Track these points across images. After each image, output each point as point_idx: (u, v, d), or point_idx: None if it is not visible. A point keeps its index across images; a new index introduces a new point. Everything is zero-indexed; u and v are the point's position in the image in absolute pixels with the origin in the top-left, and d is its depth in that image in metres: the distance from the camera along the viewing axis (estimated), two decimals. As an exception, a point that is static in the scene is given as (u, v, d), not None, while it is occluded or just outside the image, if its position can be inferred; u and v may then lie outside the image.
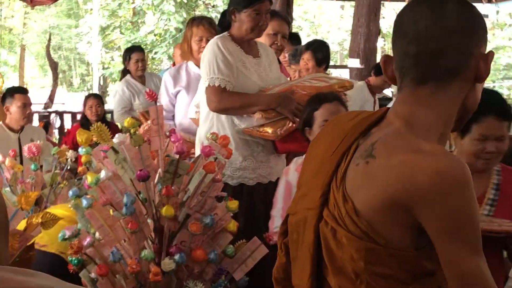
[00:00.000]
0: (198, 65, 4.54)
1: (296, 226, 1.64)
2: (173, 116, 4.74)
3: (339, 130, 1.64)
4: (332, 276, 1.54)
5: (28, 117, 5.48)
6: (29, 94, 5.60)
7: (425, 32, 1.47)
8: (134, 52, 6.67)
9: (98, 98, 6.87)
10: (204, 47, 4.36)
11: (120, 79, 6.77)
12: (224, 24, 3.76)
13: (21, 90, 5.64)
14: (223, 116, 3.61)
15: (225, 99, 3.52)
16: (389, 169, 1.44)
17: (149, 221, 2.50)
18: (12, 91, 5.52)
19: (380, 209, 1.44)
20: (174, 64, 7.25)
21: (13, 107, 5.37)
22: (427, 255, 1.46)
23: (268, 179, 3.65)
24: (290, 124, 3.50)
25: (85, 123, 6.30)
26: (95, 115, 6.53)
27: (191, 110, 4.29)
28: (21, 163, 4.27)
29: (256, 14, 3.59)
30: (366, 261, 1.46)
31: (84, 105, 6.86)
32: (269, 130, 3.52)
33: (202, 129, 3.72)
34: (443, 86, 1.49)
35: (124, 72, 6.70)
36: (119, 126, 6.05)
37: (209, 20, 4.78)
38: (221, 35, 3.72)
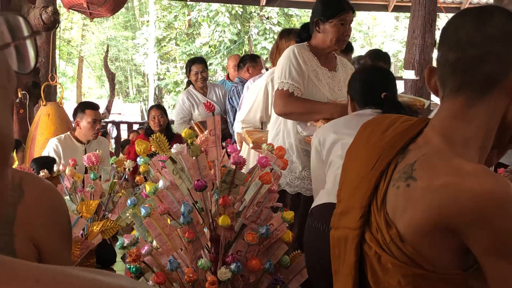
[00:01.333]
0: None
1: (338, 242, 1.62)
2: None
3: (376, 144, 1.60)
4: None
5: (97, 133, 5.56)
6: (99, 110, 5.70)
7: (466, 38, 1.44)
8: (194, 64, 6.76)
9: (161, 109, 6.96)
10: None
11: (185, 89, 6.87)
12: (303, 36, 3.79)
13: (92, 106, 5.73)
14: (289, 123, 3.64)
15: (290, 104, 3.54)
16: (431, 192, 1.40)
17: (206, 230, 2.53)
18: (84, 106, 5.61)
19: (425, 234, 1.41)
20: (228, 76, 7.32)
21: (84, 122, 5.47)
22: (475, 275, 1.42)
23: None
24: None
25: (149, 133, 6.38)
26: (158, 126, 6.64)
27: (237, 125, 4.32)
28: (86, 173, 4.37)
29: (341, 24, 3.60)
30: (415, 286, 1.45)
31: (148, 115, 6.98)
32: None
33: (270, 133, 3.79)
34: (480, 97, 1.44)
35: (188, 82, 6.78)
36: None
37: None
38: (300, 44, 3.75)
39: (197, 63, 6.82)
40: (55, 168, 4.40)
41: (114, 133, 11.89)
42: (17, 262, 0.55)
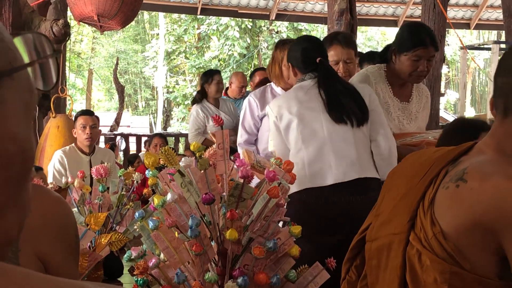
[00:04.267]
0: (285, 90, 4.41)
1: (377, 252, 1.68)
2: (256, 140, 4.65)
3: (425, 160, 1.70)
4: None
5: (89, 138, 5.55)
6: (93, 116, 5.74)
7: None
8: (216, 74, 6.83)
9: (163, 138, 6.99)
10: None
11: (194, 102, 6.88)
12: (385, 56, 3.63)
13: (83, 112, 5.80)
14: None
15: None
16: (480, 193, 1.47)
17: (213, 244, 2.53)
18: (77, 114, 5.70)
19: (467, 232, 1.48)
20: (226, 91, 7.32)
21: (77, 128, 5.53)
22: (510, 287, 1.48)
23: None
24: None
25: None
26: None
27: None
28: (91, 184, 4.38)
29: (416, 60, 3.41)
30: (450, 285, 1.49)
31: (150, 143, 7.00)
32: None
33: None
34: None
35: (202, 94, 6.77)
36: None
37: None
38: (376, 67, 3.59)
39: (218, 74, 6.89)
40: (63, 180, 4.41)
41: (122, 146, 11.92)
42: (18, 271, 0.56)
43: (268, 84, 4.75)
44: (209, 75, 6.85)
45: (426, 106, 3.66)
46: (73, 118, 5.77)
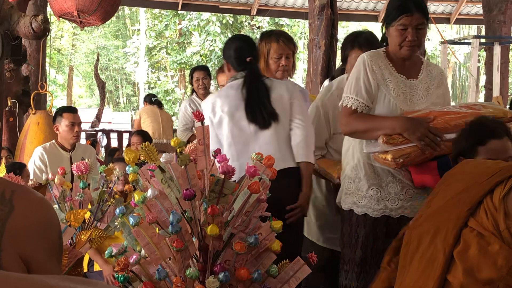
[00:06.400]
0: None
1: (418, 237, 1.89)
2: None
3: (490, 166, 1.92)
4: (457, 275, 1.72)
5: (77, 136, 5.57)
6: (77, 114, 5.71)
7: None
8: (196, 71, 6.89)
9: (139, 135, 6.95)
10: (283, 65, 4.29)
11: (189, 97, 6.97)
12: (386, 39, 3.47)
13: (70, 110, 5.75)
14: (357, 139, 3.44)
15: (352, 122, 3.32)
16: None
17: (194, 239, 2.53)
18: (61, 111, 5.64)
19: None
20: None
21: (62, 126, 5.48)
22: None
23: (399, 213, 3.39)
24: (416, 154, 3.17)
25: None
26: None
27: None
28: (72, 181, 4.36)
29: (403, 29, 3.26)
30: (509, 272, 1.64)
31: (129, 139, 6.97)
32: (389, 157, 3.19)
33: (344, 146, 3.63)
34: None
35: (192, 90, 6.88)
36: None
37: (287, 36, 4.47)
38: (376, 50, 3.46)
39: (198, 70, 6.91)
40: (43, 176, 4.39)
41: (104, 142, 11.87)
42: None
43: None
44: (191, 72, 6.86)
45: (442, 83, 3.49)
46: (55, 114, 5.70)
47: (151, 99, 9.62)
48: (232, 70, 3.97)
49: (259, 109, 3.81)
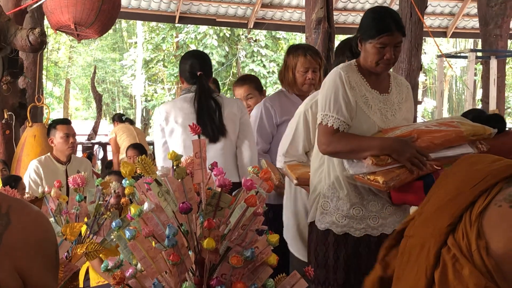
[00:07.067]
0: (300, 97, 4.47)
1: (410, 249, 1.70)
2: (269, 149, 4.60)
3: (480, 169, 1.68)
4: None
5: (72, 147, 5.58)
6: (73, 125, 5.72)
7: None
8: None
9: (136, 149, 6.94)
10: (310, 78, 4.39)
11: None
12: (356, 51, 3.39)
13: (63, 121, 5.77)
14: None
15: (335, 142, 3.20)
16: None
17: (191, 253, 2.52)
18: (55, 123, 5.65)
19: None
20: None
21: (57, 138, 5.49)
22: None
23: (380, 231, 3.34)
24: (406, 175, 3.12)
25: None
26: None
27: (279, 159, 4.00)
28: (67, 194, 4.34)
29: (381, 47, 3.20)
30: None
31: (126, 154, 6.97)
32: (380, 179, 3.10)
33: (313, 163, 3.51)
34: None
35: None
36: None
37: (314, 50, 4.55)
38: (347, 63, 3.37)
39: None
40: (39, 189, 4.37)
41: (100, 154, 11.88)
42: None
43: (280, 89, 4.66)
44: None
45: (408, 96, 3.46)
46: (49, 127, 5.70)
47: (121, 118, 10.07)
48: (185, 83, 4.36)
49: (209, 123, 4.13)
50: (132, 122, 10.04)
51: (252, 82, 5.35)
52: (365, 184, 3.23)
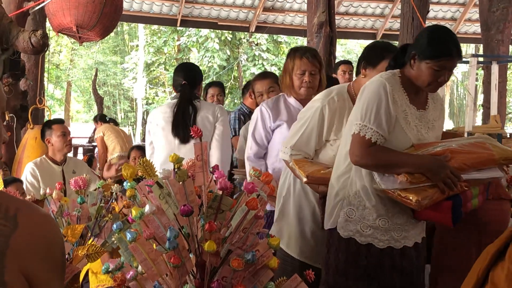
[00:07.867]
0: (299, 100, 4.41)
1: None
2: (265, 154, 4.55)
3: None
4: None
5: (70, 145, 5.58)
6: (73, 128, 5.73)
7: None
8: (211, 87, 6.87)
9: (140, 150, 6.94)
10: (306, 81, 4.29)
11: None
12: (399, 59, 3.31)
13: (58, 121, 5.77)
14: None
15: (370, 156, 3.13)
16: None
17: (191, 256, 2.52)
18: (50, 124, 5.65)
19: None
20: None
21: (53, 137, 5.49)
22: None
23: (402, 244, 3.29)
24: (438, 195, 3.07)
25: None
26: None
27: (285, 150, 3.86)
28: (65, 195, 4.34)
29: (438, 70, 3.12)
30: None
31: (128, 156, 6.97)
32: (412, 198, 3.04)
33: (337, 169, 3.43)
34: None
35: None
36: None
37: (313, 52, 4.40)
38: (391, 74, 3.26)
39: (214, 86, 6.88)
40: (37, 191, 4.37)
41: (101, 157, 11.85)
42: None
43: (280, 94, 4.60)
44: (206, 87, 6.85)
45: (442, 114, 3.42)
46: (44, 129, 5.67)
47: (105, 118, 10.30)
48: (174, 91, 4.90)
49: (181, 126, 4.63)
50: (116, 123, 10.16)
51: (273, 77, 5.41)
52: (397, 200, 3.16)
